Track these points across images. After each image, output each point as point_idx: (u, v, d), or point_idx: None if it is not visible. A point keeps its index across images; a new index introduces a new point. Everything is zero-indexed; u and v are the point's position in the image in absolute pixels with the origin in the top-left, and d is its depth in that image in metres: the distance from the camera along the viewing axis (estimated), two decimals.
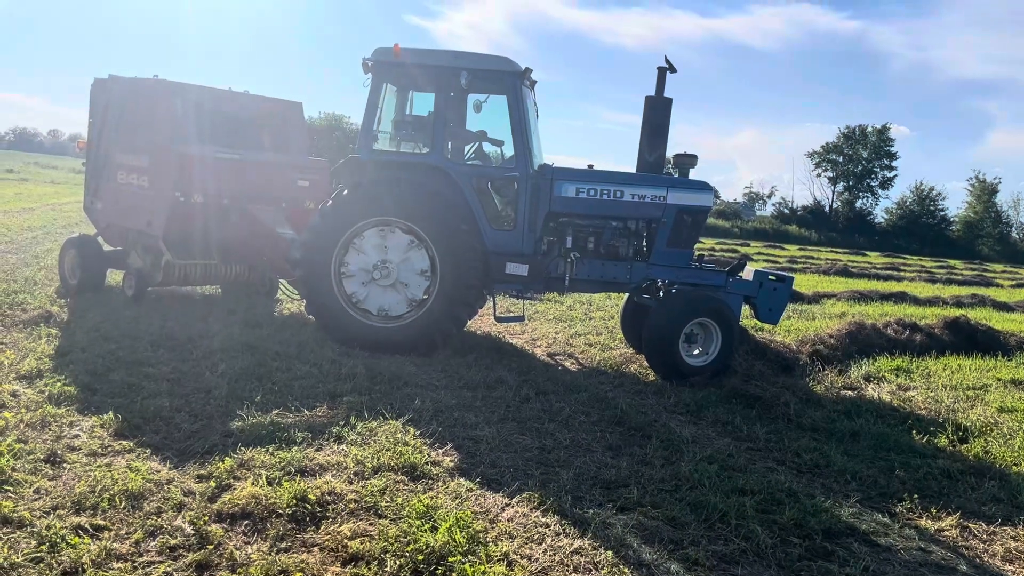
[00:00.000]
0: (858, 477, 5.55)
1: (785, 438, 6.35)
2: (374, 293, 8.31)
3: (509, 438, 5.83)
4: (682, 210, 8.53)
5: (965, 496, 5.34)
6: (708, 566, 4.06)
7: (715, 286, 8.56)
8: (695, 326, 8.17)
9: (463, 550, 3.92)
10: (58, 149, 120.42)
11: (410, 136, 9.04)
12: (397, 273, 8.25)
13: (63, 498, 4.22)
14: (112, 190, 10.23)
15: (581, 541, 4.19)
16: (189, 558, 3.75)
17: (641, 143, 8.74)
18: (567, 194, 8.45)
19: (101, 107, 10.40)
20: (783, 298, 8.64)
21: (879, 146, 63.52)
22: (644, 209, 8.55)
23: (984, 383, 8.76)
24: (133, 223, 10.01)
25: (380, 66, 8.46)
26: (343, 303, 8.30)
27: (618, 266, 8.61)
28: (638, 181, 8.55)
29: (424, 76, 8.63)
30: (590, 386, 7.48)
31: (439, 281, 8.16)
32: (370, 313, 8.31)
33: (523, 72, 8.43)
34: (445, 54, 8.48)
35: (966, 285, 23.79)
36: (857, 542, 4.50)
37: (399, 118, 9.09)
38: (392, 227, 8.20)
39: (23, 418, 5.33)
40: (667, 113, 8.62)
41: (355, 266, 8.29)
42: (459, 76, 8.25)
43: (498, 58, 8.48)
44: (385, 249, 8.25)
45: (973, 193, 61.47)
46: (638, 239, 8.80)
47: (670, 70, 8.54)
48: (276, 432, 5.45)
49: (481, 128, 9.16)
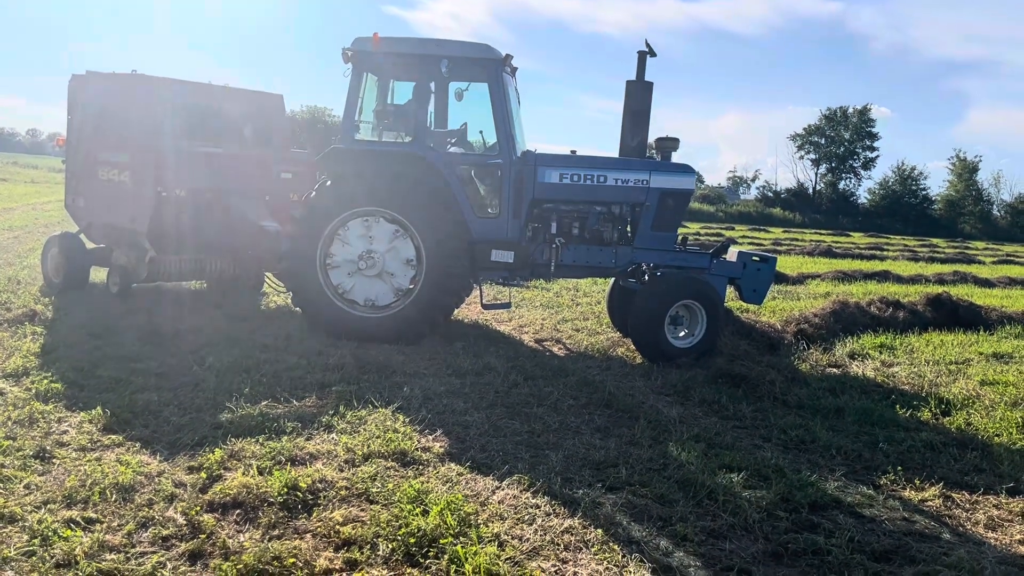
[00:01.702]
0: (843, 452, 5.63)
1: (771, 416, 6.42)
2: (360, 283, 8.30)
3: (498, 423, 5.87)
4: (665, 193, 8.57)
5: (948, 467, 5.43)
6: (697, 541, 4.12)
7: (700, 268, 8.62)
8: (680, 308, 8.22)
9: (454, 532, 3.96)
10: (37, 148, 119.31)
11: (392, 125, 9.01)
12: (383, 263, 8.24)
13: (54, 492, 4.23)
14: (94, 187, 10.15)
15: (571, 520, 4.24)
16: (182, 548, 3.77)
17: (623, 128, 8.75)
18: (550, 180, 8.46)
19: (80, 104, 10.30)
20: (767, 278, 8.72)
21: (861, 127, 63.83)
22: (628, 193, 8.58)
23: (966, 357, 8.88)
24: (116, 220, 9.95)
25: (360, 55, 8.42)
26: (329, 294, 8.29)
27: (603, 251, 8.65)
28: (621, 166, 8.58)
29: (404, 65, 8.61)
30: (578, 370, 7.53)
31: (425, 270, 8.16)
32: (356, 303, 8.31)
33: (504, 59, 8.42)
34: (425, 42, 8.46)
35: (948, 263, 24.00)
36: (842, 514, 4.57)
37: (380, 107, 9.06)
38: (377, 217, 8.20)
39: (11, 415, 5.32)
40: (648, 97, 8.64)
41: (340, 257, 8.27)
42: (440, 64, 8.24)
43: (479, 45, 8.47)
44: (370, 239, 8.24)
45: (954, 172, 61.92)
46: (622, 223, 8.83)
47: (650, 54, 8.55)
48: (265, 423, 5.47)
49: (462, 116, 9.16)
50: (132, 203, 9.66)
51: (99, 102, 10.07)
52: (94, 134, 10.12)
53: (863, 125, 63.80)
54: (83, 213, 10.53)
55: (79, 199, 10.49)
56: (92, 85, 10.19)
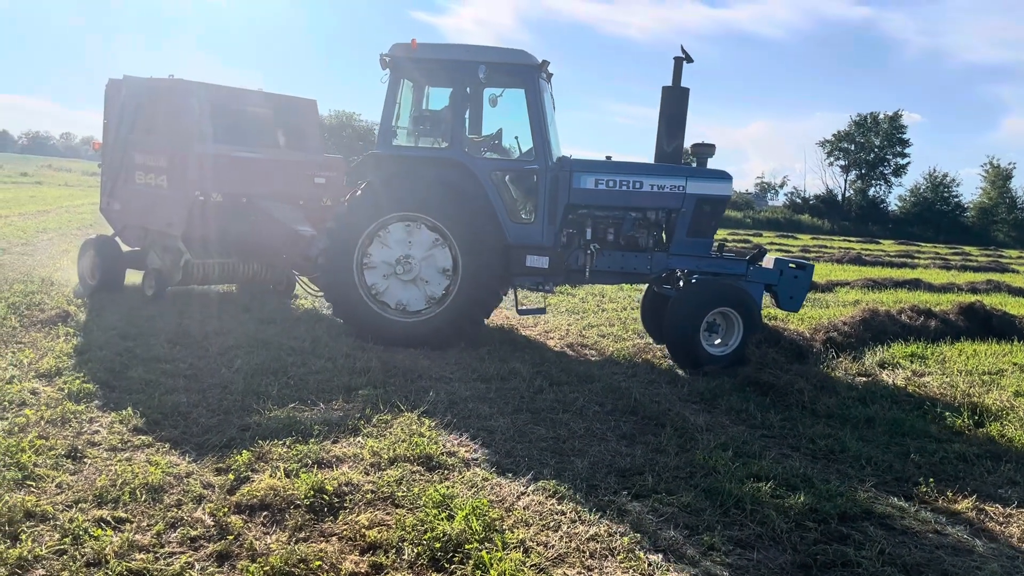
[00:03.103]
0: (873, 462, 5.55)
1: (799, 425, 6.35)
2: (395, 288, 8.34)
3: (523, 428, 5.86)
4: (702, 199, 8.57)
5: (981, 479, 5.34)
6: (724, 551, 4.08)
7: (736, 275, 8.59)
8: (717, 315, 8.19)
9: (480, 538, 3.95)
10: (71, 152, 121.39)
11: (428, 131, 9.07)
12: (419, 268, 8.29)
13: (85, 492, 4.29)
14: (130, 191, 10.23)
15: (597, 528, 4.22)
16: (210, 548, 3.80)
17: (659, 133, 8.76)
18: (586, 186, 8.48)
19: (116, 108, 10.38)
20: (804, 285, 8.69)
21: (891, 133, 63.01)
22: (664, 199, 8.57)
23: (1000, 368, 8.71)
24: (152, 223, 10.02)
25: (398, 61, 8.48)
26: (364, 297, 8.34)
27: (638, 257, 8.64)
28: (657, 171, 8.58)
29: (442, 70, 8.66)
30: (603, 376, 7.50)
31: (460, 275, 8.20)
32: (390, 307, 8.36)
33: (540, 65, 8.46)
34: (462, 48, 8.53)
35: (981, 271, 23.60)
36: (873, 526, 4.51)
37: (417, 113, 9.12)
38: (414, 222, 8.24)
39: (44, 415, 5.40)
40: (684, 103, 8.65)
41: (377, 261, 8.32)
42: (477, 70, 8.28)
43: (515, 51, 8.51)
44: (407, 244, 8.28)
45: (987, 179, 60.96)
46: (658, 229, 8.83)
47: (686, 60, 8.57)
48: (293, 425, 5.50)
49: (498, 121, 9.18)
50: (169, 207, 9.72)
51: (136, 106, 10.15)
52: (131, 138, 10.19)
53: (894, 131, 62.98)
54: (118, 216, 10.62)
55: (114, 202, 10.58)
56: (129, 89, 10.26)
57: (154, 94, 10.05)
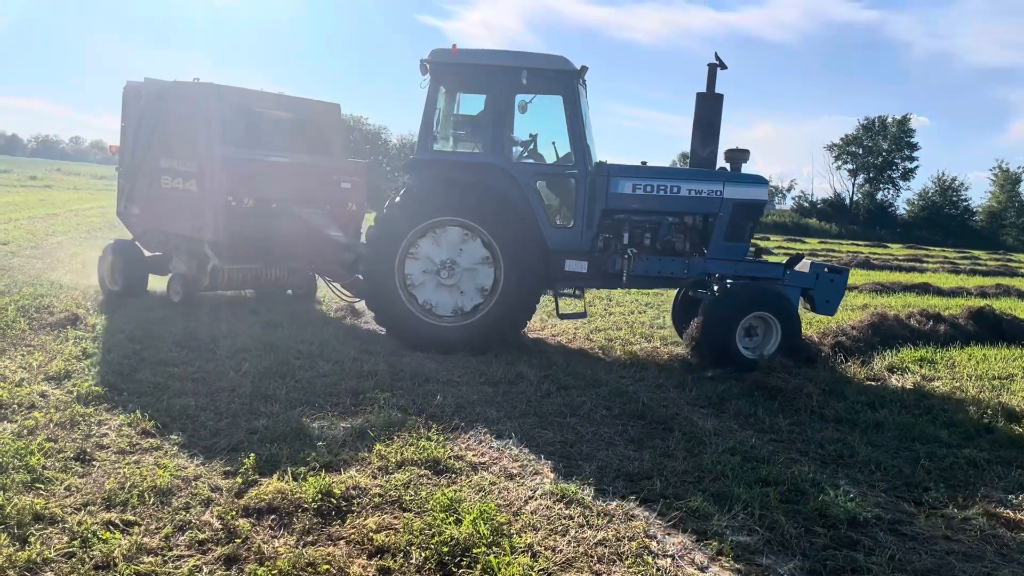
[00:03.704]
0: (883, 467, 5.52)
1: (808, 429, 6.32)
2: (437, 292, 8.37)
3: (531, 432, 5.85)
4: (739, 204, 8.64)
5: (992, 485, 5.30)
6: (732, 556, 4.06)
7: (773, 279, 8.64)
8: (755, 319, 8.22)
9: (487, 542, 3.94)
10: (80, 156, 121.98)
11: (467, 136, 9.08)
12: (460, 273, 8.32)
13: (93, 495, 4.30)
14: (155, 195, 10.07)
15: (605, 533, 4.21)
16: (218, 552, 3.80)
17: (693, 139, 8.86)
18: (624, 191, 8.53)
19: (136, 111, 10.23)
20: (840, 289, 8.76)
21: (899, 137, 62.86)
22: (701, 204, 8.64)
23: (1010, 372, 8.67)
24: (179, 228, 9.91)
25: (438, 67, 8.48)
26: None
27: (675, 261, 8.70)
28: (694, 176, 8.64)
29: (483, 76, 8.64)
30: (611, 380, 7.49)
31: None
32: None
33: (579, 71, 8.49)
34: (502, 54, 8.53)
35: (990, 275, 23.50)
36: (882, 531, 4.48)
37: (456, 118, 9.14)
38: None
39: (52, 418, 5.42)
40: (718, 109, 8.72)
41: (418, 266, 8.34)
42: (519, 76, 8.30)
43: (555, 57, 8.54)
44: (448, 249, 8.31)
45: (996, 183, 60.74)
46: (694, 234, 8.87)
47: (720, 66, 8.66)
48: (300, 429, 5.51)
49: (532, 126, 9.19)
50: (199, 212, 9.58)
51: (159, 109, 9.98)
52: (156, 142, 10.02)
53: (902, 135, 62.84)
54: (138, 221, 10.47)
55: (133, 207, 10.43)
56: (150, 92, 10.10)
57: (179, 97, 9.88)
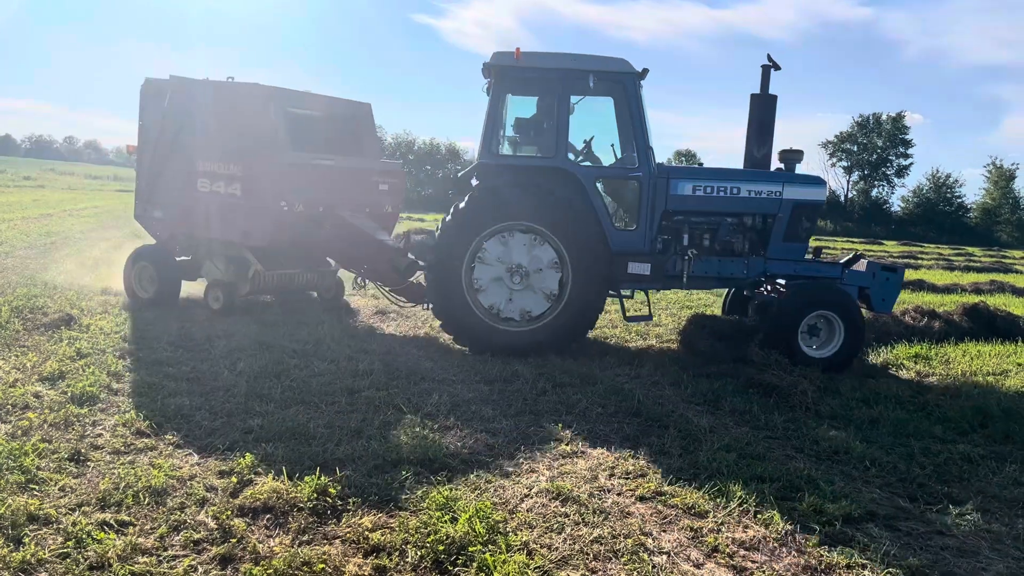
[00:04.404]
0: (877, 463, 5.53)
1: (803, 426, 6.33)
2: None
3: (527, 430, 5.85)
4: (797, 205, 8.70)
5: (986, 480, 5.31)
6: (728, 553, 4.07)
7: (831, 278, 8.73)
8: (817, 319, 8.26)
9: (483, 540, 3.94)
10: (74, 156, 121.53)
11: (531, 139, 9.04)
12: (528, 277, 8.30)
13: (88, 495, 4.29)
14: (190, 199, 9.67)
15: (600, 530, 4.21)
16: (213, 551, 3.80)
17: (748, 140, 8.93)
18: (684, 192, 8.56)
19: (157, 110, 9.83)
20: (895, 287, 8.85)
21: (894, 134, 62.89)
22: (761, 205, 8.69)
23: (1004, 368, 8.69)
24: (222, 234, 9.59)
25: (501, 70, 8.45)
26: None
27: (735, 262, 8.76)
28: (754, 177, 8.70)
29: (546, 79, 8.56)
30: (606, 378, 7.49)
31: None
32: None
33: (641, 73, 8.49)
34: (564, 57, 8.50)
35: (984, 272, 23.54)
36: (877, 527, 4.49)
37: (518, 122, 9.09)
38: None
39: (47, 418, 5.41)
40: (773, 110, 8.81)
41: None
42: (586, 79, 8.31)
43: (616, 59, 8.53)
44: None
45: (990, 180, 60.79)
46: (753, 234, 8.90)
47: (774, 67, 8.72)
48: (295, 428, 5.50)
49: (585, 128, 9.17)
50: (245, 217, 9.27)
51: (192, 109, 9.61)
52: (189, 143, 9.64)
53: (897, 132, 62.86)
54: (161, 224, 10.07)
55: (155, 210, 10.03)
56: (177, 91, 9.74)
57: (216, 97, 9.54)
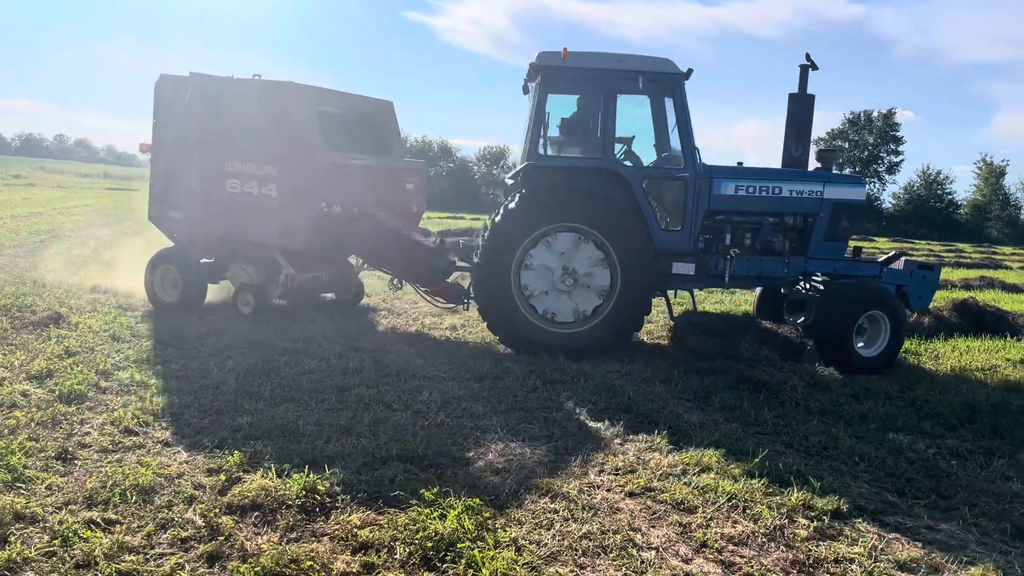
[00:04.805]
0: (866, 458, 5.55)
1: (793, 422, 6.35)
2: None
3: (517, 427, 5.85)
4: (838, 204, 8.74)
5: (974, 475, 5.33)
6: (716, 548, 4.07)
7: (871, 276, 8.81)
8: (865, 318, 8.32)
9: (472, 536, 3.94)
10: (64, 154, 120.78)
11: (578, 140, 9.01)
12: (577, 278, 8.28)
13: (75, 494, 4.27)
14: (217, 200, 9.39)
15: (589, 526, 4.21)
16: (200, 549, 3.78)
17: (786, 140, 8.96)
18: (727, 192, 8.59)
19: (175, 108, 9.52)
20: (932, 285, 8.96)
21: (885, 131, 63.06)
22: (802, 204, 8.74)
23: (993, 364, 8.73)
24: (254, 236, 9.36)
25: (548, 71, 8.40)
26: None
27: (776, 261, 8.80)
28: (795, 177, 8.73)
29: (594, 79, 8.52)
30: (597, 375, 7.49)
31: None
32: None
33: (686, 74, 8.50)
34: (610, 57, 8.48)
35: (975, 268, 23.63)
36: (865, 522, 4.50)
37: (564, 122, 9.05)
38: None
39: (34, 417, 5.38)
40: (811, 109, 8.84)
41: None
42: (635, 79, 8.31)
43: (661, 60, 8.52)
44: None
45: (981, 176, 60.94)
46: (794, 233, 8.94)
47: (812, 67, 8.74)
48: (285, 425, 5.49)
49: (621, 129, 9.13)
50: (281, 218, 9.08)
51: (214, 107, 9.37)
52: (216, 142, 9.37)
53: (887, 129, 63.04)
54: (181, 226, 9.77)
55: (172, 210, 9.71)
56: (201, 88, 9.44)
57: (246, 95, 9.26)
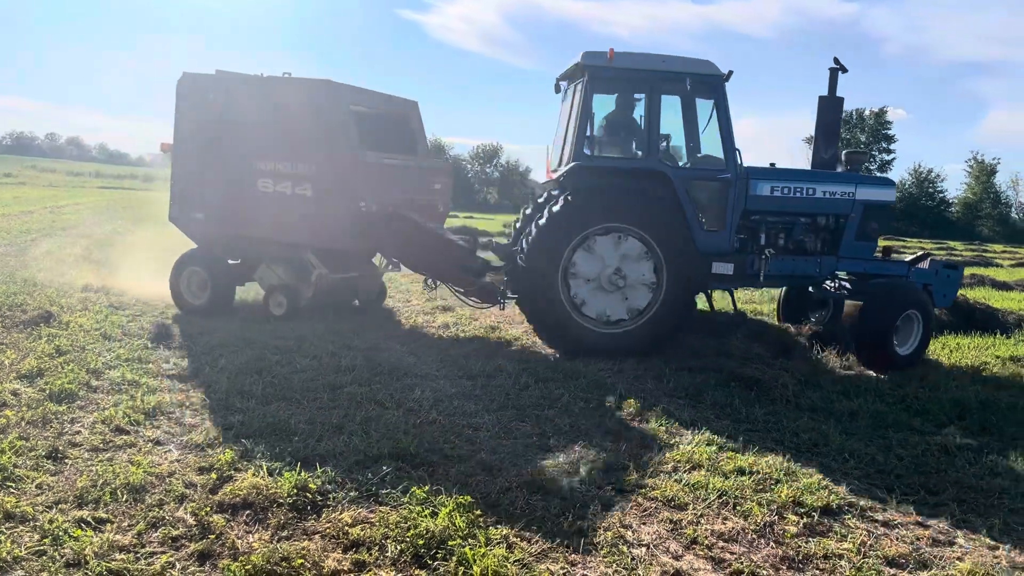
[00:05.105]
0: (856, 455, 5.58)
1: (783, 419, 6.37)
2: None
3: (508, 425, 5.86)
4: (869, 205, 8.87)
5: (963, 471, 5.36)
6: (707, 544, 4.09)
7: (899, 276, 8.95)
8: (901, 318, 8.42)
9: (463, 534, 3.95)
10: (56, 152, 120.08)
11: (622, 140, 9.02)
12: (623, 279, 8.28)
13: (65, 493, 4.26)
14: (249, 200, 9.25)
15: (581, 523, 4.22)
16: (191, 548, 3.78)
17: (816, 142, 9.15)
18: (763, 192, 8.67)
19: (199, 106, 9.39)
20: (955, 284, 9.26)
21: (877, 129, 63.26)
22: (835, 205, 8.86)
23: (983, 361, 8.79)
24: (284, 235, 9.25)
25: (594, 71, 8.42)
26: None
27: (808, 261, 8.90)
28: (828, 178, 8.85)
29: (639, 80, 8.56)
30: (589, 373, 7.51)
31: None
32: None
33: (727, 75, 8.55)
34: (655, 58, 8.52)
35: (966, 266, 23.69)
36: (855, 518, 4.53)
37: (610, 123, 9.06)
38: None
39: (24, 416, 5.36)
40: (839, 112, 9.01)
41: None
42: (683, 81, 8.38)
43: (704, 61, 8.57)
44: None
45: (972, 174, 61.22)
46: (826, 233, 9.04)
47: (841, 70, 8.89)
48: (276, 424, 5.48)
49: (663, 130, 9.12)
50: (317, 218, 8.99)
51: (241, 106, 9.22)
52: (244, 141, 9.22)
53: (879, 127, 63.23)
54: (206, 227, 9.60)
55: (195, 211, 9.55)
56: (226, 87, 9.32)
57: (277, 94, 9.19)
